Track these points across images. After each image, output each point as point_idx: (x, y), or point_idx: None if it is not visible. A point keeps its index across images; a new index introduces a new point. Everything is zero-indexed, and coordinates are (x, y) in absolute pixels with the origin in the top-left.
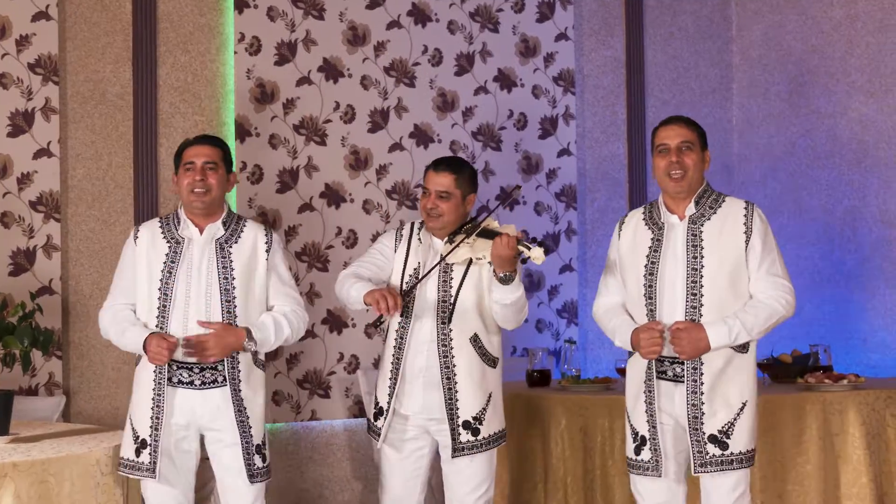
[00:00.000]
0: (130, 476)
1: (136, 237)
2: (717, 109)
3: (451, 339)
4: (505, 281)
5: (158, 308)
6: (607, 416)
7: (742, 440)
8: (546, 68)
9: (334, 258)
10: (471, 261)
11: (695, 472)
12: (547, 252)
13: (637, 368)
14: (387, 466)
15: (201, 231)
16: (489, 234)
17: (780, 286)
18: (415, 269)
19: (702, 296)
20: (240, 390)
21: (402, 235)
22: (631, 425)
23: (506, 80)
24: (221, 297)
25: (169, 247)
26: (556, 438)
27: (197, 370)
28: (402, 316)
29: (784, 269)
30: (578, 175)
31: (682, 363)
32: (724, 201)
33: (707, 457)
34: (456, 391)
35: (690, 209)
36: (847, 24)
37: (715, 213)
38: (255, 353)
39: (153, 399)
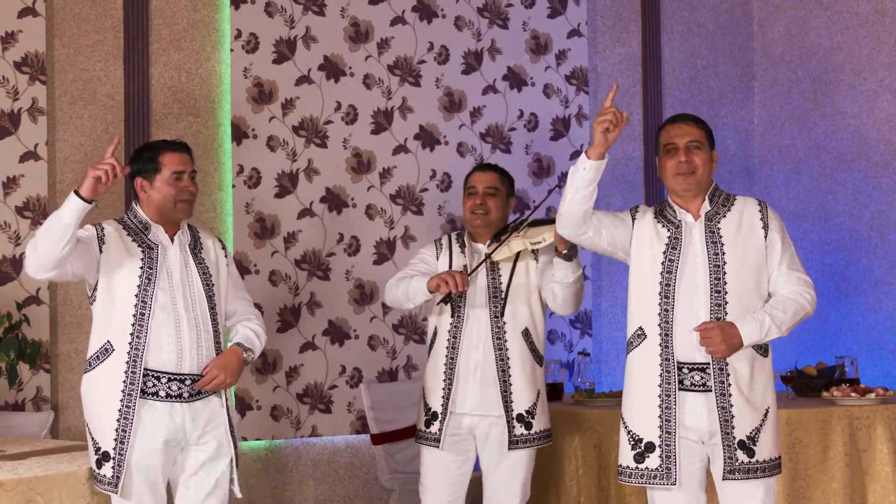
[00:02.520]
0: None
1: (101, 231)
2: (738, 109)
3: (505, 332)
4: (569, 257)
5: (135, 316)
6: None
7: (767, 447)
8: (558, 66)
9: (335, 266)
10: (517, 257)
11: (724, 479)
12: None
13: (644, 368)
14: (433, 469)
15: (171, 238)
16: (541, 222)
17: (803, 281)
18: (462, 269)
19: (726, 293)
20: (229, 402)
21: (441, 245)
22: (629, 430)
23: (516, 79)
24: (208, 303)
25: (143, 252)
26: (570, 455)
27: (189, 381)
28: (452, 316)
29: (801, 265)
30: None
31: (704, 370)
32: (734, 200)
33: (736, 463)
34: (510, 384)
35: (705, 207)
36: (874, 19)
37: (729, 210)
38: None
39: (120, 410)
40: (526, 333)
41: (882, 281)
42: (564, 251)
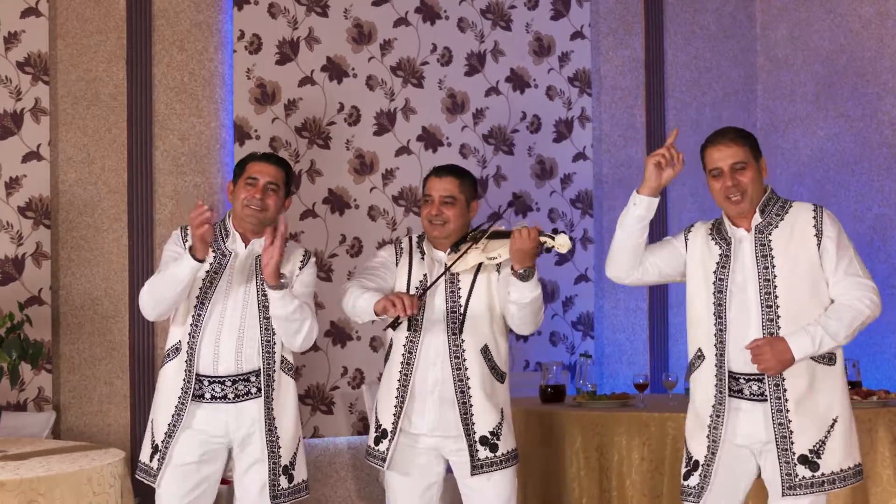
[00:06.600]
0: (144, 480)
1: (185, 238)
2: (741, 112)
3: (464, 351)
4: (525, 277)
5: (193, 317)
6: (625, 434)
7: (835, 459)
8: (561, 68)
9: (338, 267)
10: (478, 268)
11: (783, 496)
12: (571, 240)
13: (703, 387)
14: (395, 493)
15: (246, 245)
16: (502, 235)
17: (862, 286)
18: (420, 282)
19: (777, 307)
20: (272, 407)
21: (402, 249)
22: (687, 449)
23: (519, 81)
24: (260, 314)
25: (215, 258)
26: (571, 457)
27: (230, 383)
28: (409, 329)
29: (864, 269)
30: (595, 180)
31: (761, 380)
32: (790, 207)
33: (796, 479)
34: (471, 405)
35: (756, 219)
36: (877, 22)
37: (782, 219)
38: (283, 360)
39: (176, 406)
40: (485, 350)
41: (885, 284)
42: (521, 270)
